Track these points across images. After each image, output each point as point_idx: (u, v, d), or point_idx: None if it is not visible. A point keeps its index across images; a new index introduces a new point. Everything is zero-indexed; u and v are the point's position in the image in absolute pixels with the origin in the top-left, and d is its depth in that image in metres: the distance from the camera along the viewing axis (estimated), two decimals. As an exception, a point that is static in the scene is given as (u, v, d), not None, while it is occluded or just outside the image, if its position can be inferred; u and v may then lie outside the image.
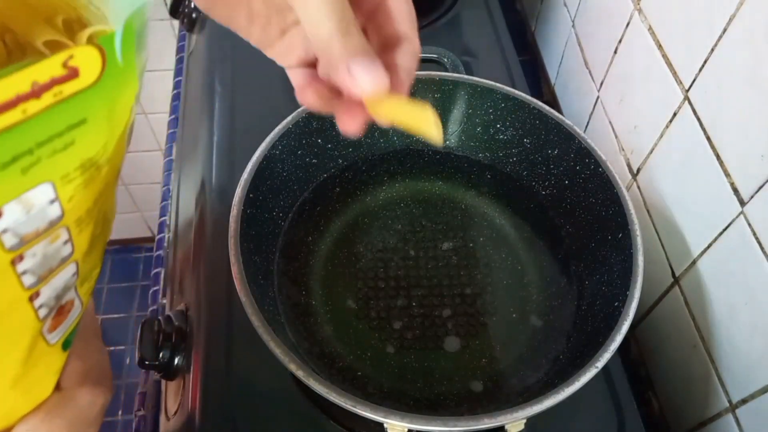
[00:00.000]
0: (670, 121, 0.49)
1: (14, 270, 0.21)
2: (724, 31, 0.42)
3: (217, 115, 0.62)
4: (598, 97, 0.62)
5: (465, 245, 0.53)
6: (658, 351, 0.55)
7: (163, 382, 0.54)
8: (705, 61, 0.44)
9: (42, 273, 0.22)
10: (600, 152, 0.49)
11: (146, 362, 0.48)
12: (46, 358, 0.26)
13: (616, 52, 0.58)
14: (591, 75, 0.64)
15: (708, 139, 0.45)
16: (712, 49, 0.43)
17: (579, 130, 0.51)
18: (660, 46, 0.50)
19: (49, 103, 0.18)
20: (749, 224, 0.41)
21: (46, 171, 0.19)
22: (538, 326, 0.49)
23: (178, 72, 0.78)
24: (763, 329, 0.42)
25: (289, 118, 0.51)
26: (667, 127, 0.50)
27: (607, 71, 0.60)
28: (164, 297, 0.60)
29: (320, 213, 0.54)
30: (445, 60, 0.62)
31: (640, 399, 0.56)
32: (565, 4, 0.70)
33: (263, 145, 0.49)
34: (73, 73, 0.18)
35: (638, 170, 0.55)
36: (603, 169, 0.49)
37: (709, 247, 0.46)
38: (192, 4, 0.75)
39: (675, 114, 0.49)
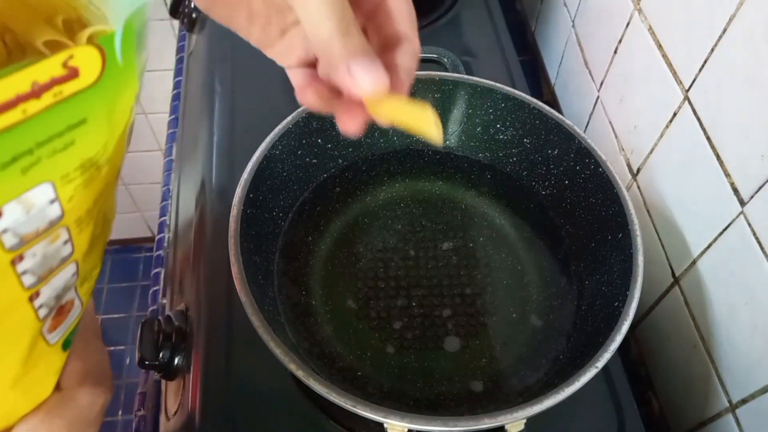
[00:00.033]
0: (670, 121, 0.49)
1: (14, 270, 0.21)
2: (724, 31, 0.42)
3: (217, 115, 0.62)
4: (598, 97, 0.62)
5: (465, 245, 0.53)
6: (658, 351, 0.55)
7: (163, 382, 0.54)
8: (705, 61, 0.44)
9: (42, 273, 0.22)
10: (600, 152, 0.49)
11: (146, 362, 0.48)
12: (46, 358, 0.26)
13: (616, 52, 0.58)
14: (591, 75, 0.64)
15: (708, 139, 0.45)
16: (712, 49, 0.43)
17: (579, 130, 0.51)
18: (660, 46, 0.50)
19: (49, 103, 0.18)
20: (749, 224, 0.41)
21: (46, 171, 0.19)
22: (538, 326, 0.49)
23: (178, 72, 0.78)
24: (763, 329, 0.42)
25: (289, 118, 0.51)
26: (667, 127, 0.50)
27: (607, 71, 0.60)
28: (164, 297, 0.60)
29: (320, 213, 0.54)
30: (445, 60, 0.63)
31: (640, 399, 0.56)
32: (565, 4, 0.70)
33: (263, 145, 0.49)
34: (73, 73, 0.18)
35: (638, 170, 0.55)
36: (603, 169, 0.49)
37: (709, 247, 0.46)
38: (192, 4, 0.75)
39: (675, 114, 0.49)
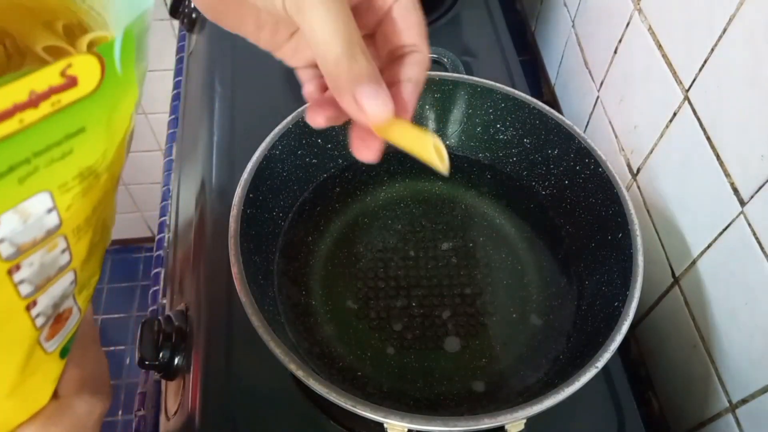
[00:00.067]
0: (670, 121, 0.49)
1: (11, 279, 0.21)
2: (724, 31, 0.42)
3: (217, 115, 0.62)
4: (598, 97, 0.62)
5: (465, 245, 0.53)
6: (658, 351, 0.55)
7: (163, 382, 0.54)
8: (705, 61, 0.44)
9: (39, 282, 0.22)
10: (600, 152, 0.49)
11: (146, 362, 0.48)
12: (43, 366, 0.26)
13: (616, 52, 0.58)
14: (591, 75, 0.64)
15: (708, 139, 0.45)
16: (712, 49, 0.43)
17: (579, 130, 0.51)
18: (660, 46, 0.50)
19: (46, 112, 0.18)
20: (749, 224, 0.41)
21: (44, 180, 0.19)
22: (538, 326, 0.49)
23: (178, 72, 0.78)
24: (763, 329, 0.42)
25: (289, 118, 0.51)
26: (667, 127, 0.50)
27: (607, 71, 0.60)
28: (164, 297, 0.60)
29: (320, 213, 0.54)
30: (445, 60, 0.62)
31: (640, 399, 0.56)
32: (565, 4, 0.70)
33: (263, 145, 0.49)
34: (71, 82, 0.18)
35: (638, 170, 0.55)
36: (603, 169, 0.49)
37: (709, 247, 0.46)
38: (192, 5, 0.75)
39: (675, 114, 0.48)
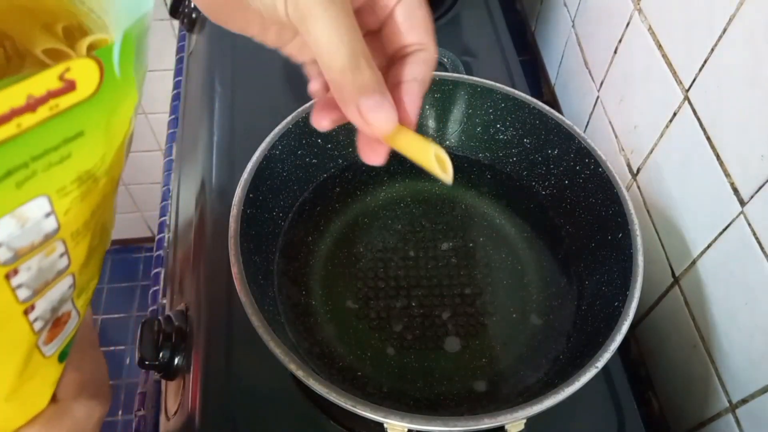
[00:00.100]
0: (670, 121, 0.49)
1: (9, 284, 0.21)
2: (724, 31, 0.42)
3: (217, 115, 0.62)
4: (598, 97, 0.62)
5: (465, 245, 0.53)
6: (658, 351, 0.55)
7: (163, 382, 0.54)
8: (705, 61, 0.44)
9: (37, 286, 0.22)
10: (600, 152, 0.49)
11: (146, 362, 0.48)
12: (42, 370, 0.26)
13: (616, 52, 0.58)
14: (591, 75, 0.63)
15: (708, 139, 0.45)
16: (712, 49, 0.43)
17: (579, 130, 0.51)
18: (660, 46, 0.50)
19: (44, 116, 0.18)
20: (749, 224, 0.41)
21: (42, 184, 0.19)
22: (538, 326, 0.49)
23: (178, 72, 0.77)
24: (763, 329, 0.42)
25: (289, 118, 0.51)
26: (667, 127, 0.50)
27: (607, 71, 0.60)
28: (164, 297, 0.60)
29: (320, 213, 0.54)
30: (445, 60, 0.62)
31: (640, 399, 0.56)
32: (565, 4, 0.70)
33: (263, 145, 0.49)
34: (69, 86, 0.18)
35: (638, 170, 0.55)
36: (603, 169, 0.49)
37: (709, 247, 0.46)
38: (192, 4, 0.75)
39: (675, 114, 0.48)
